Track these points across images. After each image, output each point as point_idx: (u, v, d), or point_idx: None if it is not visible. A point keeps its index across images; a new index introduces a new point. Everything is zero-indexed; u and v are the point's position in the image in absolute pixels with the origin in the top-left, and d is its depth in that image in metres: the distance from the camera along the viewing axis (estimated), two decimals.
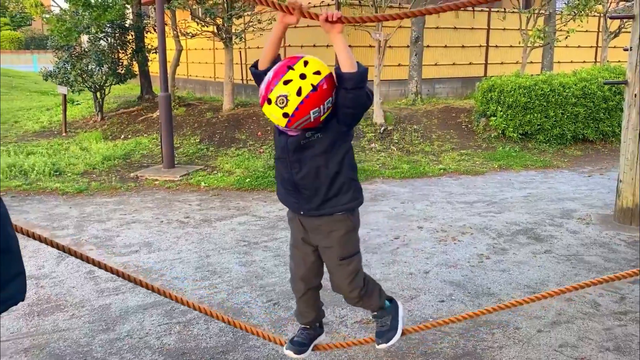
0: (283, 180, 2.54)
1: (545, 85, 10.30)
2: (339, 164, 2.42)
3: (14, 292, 1.82)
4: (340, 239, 2.54)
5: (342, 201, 2.48)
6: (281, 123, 2.29)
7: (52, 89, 19.75)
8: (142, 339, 3.68)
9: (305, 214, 2.53)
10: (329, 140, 2.38)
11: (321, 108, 2.27)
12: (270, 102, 2.26)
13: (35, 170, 8.11)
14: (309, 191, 2.46)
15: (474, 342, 3.61)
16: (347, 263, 2.60)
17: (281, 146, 2.45)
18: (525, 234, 5.74)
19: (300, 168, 2.42)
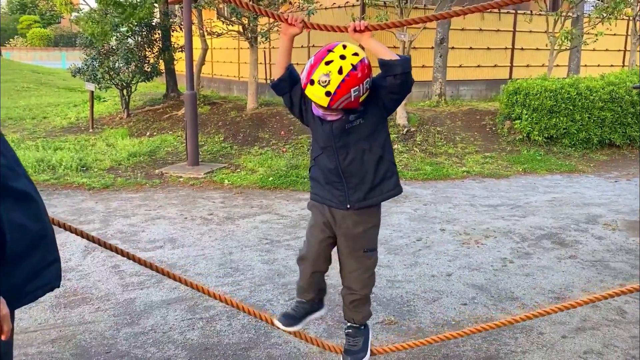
0: (327, 173, 2.58)
1: (571, 88, 10.18)
2: (382, 147, 2.52)
3: (50, 278, 1.88)
4: (368, 230, 2.63)
5: (387, 187, 2.57)
6: (324, 102, 2.37)
7: (80, 85, 20.06)
8: (166, 333, 3.73)
9: (352, 208, 2.56)
10: (371, 124, 2.48)
11: (360, 87, 2.37)
12: (312, 82, 2.36)
13: (62, 165, 8.26)
14: (356, 178, 2.52)
15: (497, 345, 3.59)
16: (369, 256, 2.67)
17: (326, 134, 2.52)
18: (549, 238, 5.68)
19: (347, 153, 2.49)
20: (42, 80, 20.60)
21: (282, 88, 2.58)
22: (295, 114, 2.68)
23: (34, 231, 1.79)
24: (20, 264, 1.75)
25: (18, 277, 1.75)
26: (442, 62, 12.59)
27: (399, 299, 4.24)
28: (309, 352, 3.51)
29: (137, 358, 3.42)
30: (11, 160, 1.78)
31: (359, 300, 2.77)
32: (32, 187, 1.85)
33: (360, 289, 2.72)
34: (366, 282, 2.71)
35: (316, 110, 2.51)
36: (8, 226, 1.69)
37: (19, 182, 1.77)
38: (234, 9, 10.48)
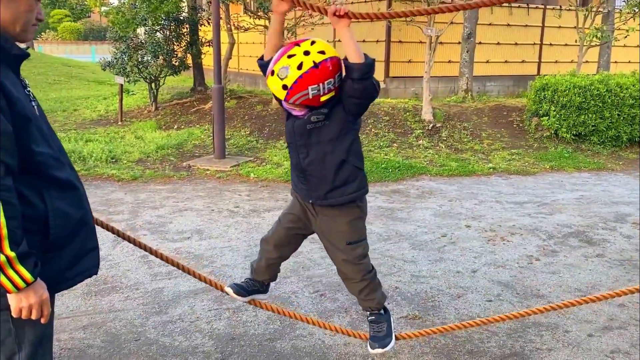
0: (293, 166, 2.64)
1: (601, 85, 10.01)
2: (346, 152, 2.49)
3: (89, 265, 1.96)
4: (346, 224, 2.62)
5: (348, 190, 2.55)
6: (280, 95, 2.39)
7: (109, 78, 20.35)
8: (193, 322, 3.80)
9: (314, 203, 2.61)
10: (336, 128, 2.45)
11: (321, 87, 2.35)
12: (273, 73, 2.38)
13: (93, 157, 8.43)
14: (315, 178, 2.53)
15: (522, 343, 3.58)
16: (352, 247, 2.65)
17: (288, 130, 2.55)
18: (576, 236, 5.62)
19: (308, 153, 2.51)
20: (72, 74, 20.96)
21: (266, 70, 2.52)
22: (278, 100, 2.60)
23: (76, 218, 1.86)
24: (62, 250, 1.83)
25: (60, 262, 1.83)
26: (469, 58, 12.49)
27: (423, 294, 4.26)
28: (333, 344, 3.55)
29: (165, 346, 3.50)
30: (57, 151, 1.85)
31: (365, 287, 2.75)
32: (75, 176, 1.93)
33: (356, 273, 2.70)
34: (361, 269, 2.70)
35: (286, 106, 2.51)
36: (52, 213, 1.76)
37: (63, 171, 1.84)
38: (261, 3, 10.54)
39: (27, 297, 1.67)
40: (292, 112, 2.50)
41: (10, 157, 1.62)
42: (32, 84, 18.01)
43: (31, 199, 1.71)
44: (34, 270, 1.66)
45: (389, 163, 8.46)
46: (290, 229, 2.77)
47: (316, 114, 2.44)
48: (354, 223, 2.64)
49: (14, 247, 1.60)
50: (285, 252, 2.87)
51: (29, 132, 1.72)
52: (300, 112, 2.47)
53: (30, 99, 1.85)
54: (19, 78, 1.85)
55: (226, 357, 3.39)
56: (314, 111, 2.45)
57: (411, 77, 13.86)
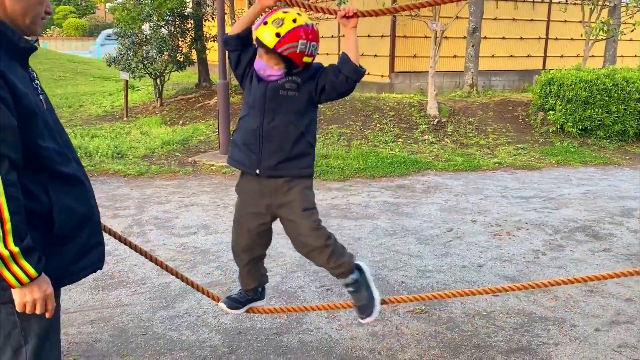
0: (247, 133, 2.59)
1: (607, 79, 9.97)
2: (306, 127, 2.59)
3: (94, 259, 1.96)
4: (301, 192, 2.61)
5: (301, 164, 2.59)
6: (271, 43, 2.42)
7: (114, 74, 20.37)
8: (200, 317, 3.82)
9: (262, 173, 2.58)
10: (303, 102, 2.56)
11: (307, 45, 2.48)
12: (266, 23, 2.45)
13: (99, 153, 8.45)
14: (272, 145, 2.55)
15: (529, 337, 3.58)
16: (309, 214, 2.64)
17: (259, 93, 2.56)
18: (583, 231, 5.61)
19: (273, 118, 2.54)
20: (77, 70, 21.00)
21: (236, 45, 2.60)
22: (237, 74, 2.67)
23: (80, 213, 1.86)
24: (66, 244, 1.83)
25: (64, 257, 1.83)
26: (474, 52, 12.45)
27: (429, 289, 4.26)
28: (340, 338, 3.56)
29: (173, 340, 3.52)
30: (63, 145, 1.85)
31: (332, 253, 2.67)
32: (82, 172, 1.92)
33: (317, 240, 2.65)
34: (320, 233, 2.65)
35: (258, 63, 2.54)
36: (56, 208, 1.76)
37: (69, 166, 1.84)
38: None
39: (31, 292, 1.67)
40: (267, 73, 2.52)
41: (14, 151, 1.61)
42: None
43: (36, 193, 1.70)
44: (37, 265, 1.65)
45: (394, 158, 8.45)
46: (252, 230, 2.72)
47: (290, 82, 2.53)
48: (305, 192, 2.64)
49: (18, 242, 1.59)
50: (257, 252, 2.83)
51: (35, 126, 1.71)
52: (277, 72, 2.51)
53: (38, 92, 1.84)
54: (27, 70, 1.84)
55: (233, 351, 3.41)
56: (288, 77, 2.53)
57: (416, 72, 13.83)
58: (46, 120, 1.78)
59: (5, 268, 1.60)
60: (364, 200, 6.60)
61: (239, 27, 2.60)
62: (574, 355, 3.36)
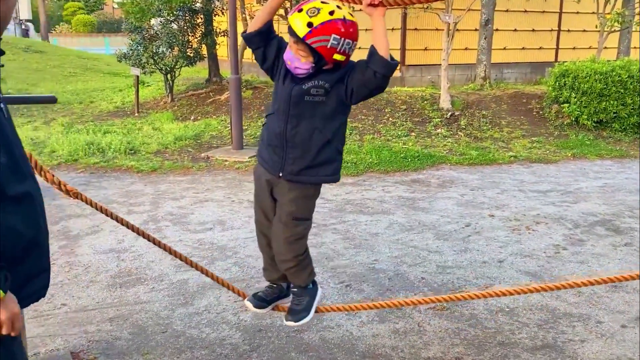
0: (272, 135, 2.50)
1: (623, 71, 9.84)
2: (334, 133, 2.45)
3: (38, 287, 1.78)
4: (300, 199, 2.54)
5: (323, 172, 2.50)
6: (301, 31, 2.28)
7: (124, 70, 20.36)
8: (220, 314, 3.78)
9: (284, 177, 2.50)
10: (332, 107, 2.41)
11: (341, 42, 2.30)
12: (300, 11, 2.31)
13: (112, 149, 8.43)
14: (297, 151, 2.45)
15: (554, 334, 3.52)
16: (296, 224, 2.57)
17: (283, 95, 2.44)
18: (603, 225, 5.53)
19: (297, 124, 2.42)
20: (87, 66, 21.01)
21: (257, 42, 2.49)
22: (265, 69, 2.56)
23: (27, 237, 1.68)
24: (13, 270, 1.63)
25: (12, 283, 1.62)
26: (487, 45, 12.31)
27: (450, 285, 4.20)
28: (361, 335, 3.51)
29: (193, 338, 3.49)
30: (17, 157, 1.65)
31: (293, 267, 2.65)
32: (35, 187, 1.73)
33: (291, 257, 2.61)
34: (293, 247, 2.60)
35: (287, 54, 2.40)
36: (2, 231, 1.58)
37: (22, 183, 1.64)
38: None
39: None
40: (294, 65, 2.37)
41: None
42: (49, 76, 18.09)
43: None
44: (4, 285, 1.52)
45: (408, 152, 8.38)
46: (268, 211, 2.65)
47: (316, 87, 2.39)
48: (306, 200, 2.58)
49: None
50: None
51: None
52: (304, 65, 2.36)
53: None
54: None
55: (254, 349, 3.37)
56: (314, 82, 2.39)
57: (427, 65, 13.71)
58: (4, 131, 1.60)
59: None
60: (379, 195, 6.54)
61: (259, 22, 2.47)
62: (601, 353, 3.30)
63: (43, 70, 18.65)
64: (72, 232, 5.29)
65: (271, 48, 2.50)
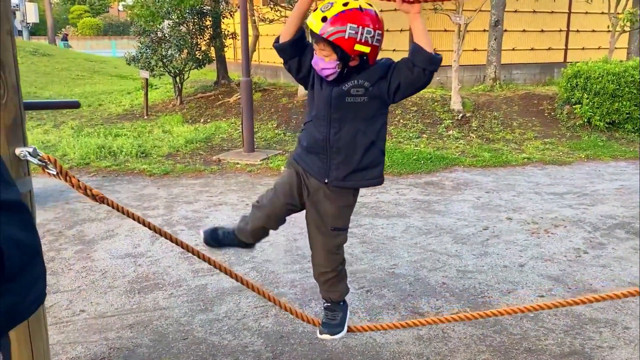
0: (313, 141, 2.42)
1: (635, 72, 9.75)
2: (377, 133, 2.39)
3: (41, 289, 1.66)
4: (339, 208, 2.49)
5: (370, 175, 2.43)
6: (317, 27, 2.21)
7: (131, 73, 20.40)
8: (240, 320, 3.74)
9: (330, 183, 2.43)
10: (373, 107, 2.34)
11: (359, 30, 2.19)
12: (315, 10, 2.26)
13: (123, 152, 8.41)
14: (341, 156, 2.38)
15: (581, 340, 3.47)
16: (336, 234, 2.53)
17: (323, 99, 2.36)
18: (622, 228, 5.46)
19: (340, 128, 2.35)
20: (95, 69, 21.04)
21: (292, 52, 2.38)
22: (302, 79, 2.47)
23: (28, 244, 1.66)
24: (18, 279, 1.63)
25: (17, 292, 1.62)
26: (496, 45, 12.26)
27: (472, 290, 4.15)
28: (385, 342, 3.46)
29: (215, 345, 3.44)
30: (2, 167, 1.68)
31: (333, 279, 2.63)
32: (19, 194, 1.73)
33: (332, 267, 2.59)
34: (335, 257, 2.58)
35: (314, 59, 2.32)
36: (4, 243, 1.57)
37: (10, 191, 1.58)
38: None
39: None
40: (320, 66, 2.29)
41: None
42: (57, 79, 18.10)
43: None
44: None
45: (420, 154, 8.33)
46: (286, 205, 2.58)
47: (357, 87, 2.32)
48: (346, 209, 2.53)
49: None
50: (275, 224, 2.69)
51: None
52: (329, 65, 2.26)
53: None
54: None
55: (277, 356, 3.33)
56: (354, 81, 2.31)
57: None
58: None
59: None
60: (394, 198, 6.49)
61: (291, 30, 2.36)
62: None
63: (51, 74, 18.67)
64: (87, 237, 5.26)
65: (306, 57, 2.40)
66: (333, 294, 2.72)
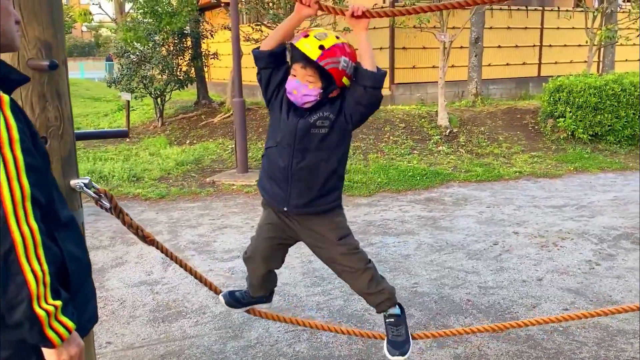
0: (275, 169, 2.44)
1: (615, 85, 10.07)
2: (338, 161, 2.43)
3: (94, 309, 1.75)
4: (331, 223, 2.50)
5: (329, 200, 2.46)
6: (314, 54, 2.24)
7: (104, 94, 20.11)
8: (274, 346, 3.68)
9: (290, 211, 2.45)
10: (336, 137, 2.38)
11: (349, 64, 2.30)
12: (307, 36, 2.29)
13: (115, 177, 8.26)
14: (302, 184, 2.40)
15: (614, 352, 3.51)
16: (345, 240, 2.53)
17: (289, 130, 2.37)
18: (627, 238, 5.59)
19: (303, 158, 2.37)
20: None
21: (267, 62, 2.40)
22: (266, 93, 2.47)
23: (84, 261, 1.67)
24: (76, 297, 1.60)
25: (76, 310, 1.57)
26: (477, 62, 12.51)
27: (497, 306, 4.17)
28: None
29: None
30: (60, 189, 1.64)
31: (372, 278, 2.58)
32: None
33: (363, 265, 2.56)
34: (362, 257, 2.57)
35: (291, 83, 2.33)
36: (67, 258, 1.55)
37: (66, 210, 1.61)
38: (275, 14, 10.47)
39: (69, 348, 1.44)
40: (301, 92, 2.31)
41: (43, 196, 1.43)
42: None
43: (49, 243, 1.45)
44: (73, 316, 1.46)
45: (415, 171, 8.40)
46: (272, 239, 2.59)
47: (322, 119, 2.35)
48: (337, 221, 2.53)
49: (54, 295, 1.40)
50: (274, 264, 2.72)
51: (48, 167, 1.53)
52: (312, 92, 2.30)
53: None
54: None
55: None
56: (319, 113, 2.34)
57: (416, 83, 13.84)
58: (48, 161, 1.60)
59: (48, 327, 1.37)
60: (399, 215, 6.52)
61: (273, 42, 2.39)
62: None
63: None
64: (96, 265, 5.12)
65: (278, 74, 2.41)
66: (382, 294, 2.63)
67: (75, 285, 1.56)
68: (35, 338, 1.38)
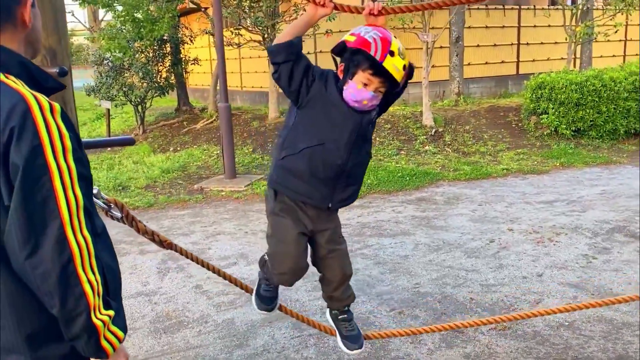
0: (320, 169, 2.24)
1: (596, 80, 10.20)
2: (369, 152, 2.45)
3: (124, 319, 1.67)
4: (337, 218, 2.52)
5: (359, 190, 2.46)
6: (399, 75, 2.13)
7: (81, 103, 19.75)
8: (281, 353, 3.62)
9: (332, 207, 2.36)
10: (373, 128, 2.37)
11: None
12: (393, 54, 2.11)
13: (101, 186, 8.10)
14: (352, 179, 2.33)
15: (622, 345, 3.52)
16: (343, 239, 2.55)
17: (347, 127, 2.21)
18: (620, 231, 5.64)
19: (359, 153, 2.29)
20: None
21: (287, 54, 2.16)
22: (290, 87, 2.21)
23: (117, 271, 1.61)
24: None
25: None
26: (458, 61, 12.58)
27: (501, 304, 4.17)
28: None
29: None
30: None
31: (349, 278, 2.59)
32: None
33: (351, 271, 2.57)
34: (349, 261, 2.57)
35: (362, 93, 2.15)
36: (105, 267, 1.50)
37: (99, 219, 1.57)
38: (257, 18, 10.39)
39: (118, 358, 1.44)
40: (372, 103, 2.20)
41: (92, 205, 1.41)
42: None
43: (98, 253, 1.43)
44: (122, 326, 1.45)
45: (404, 171, 8.39)
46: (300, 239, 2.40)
47: (376, 114, 2.32)
48: (338, 218, 2.55)
49: (106, 306, 1.39)
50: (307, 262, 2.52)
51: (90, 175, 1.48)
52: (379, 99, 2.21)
53: None
54: None
55: None
56: (376, 109, 2.29)
57: None
58: None
59: (103, 337, 1.37)
60: (392, 216, 6.50)
61: (289, 35, 2.21)
62: None
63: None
64: None
65: (300, 65, 2.19)
66: (349, 298, 2.66)
67: (111, 295, 1.54)
68: (91, 349, 1.37)
